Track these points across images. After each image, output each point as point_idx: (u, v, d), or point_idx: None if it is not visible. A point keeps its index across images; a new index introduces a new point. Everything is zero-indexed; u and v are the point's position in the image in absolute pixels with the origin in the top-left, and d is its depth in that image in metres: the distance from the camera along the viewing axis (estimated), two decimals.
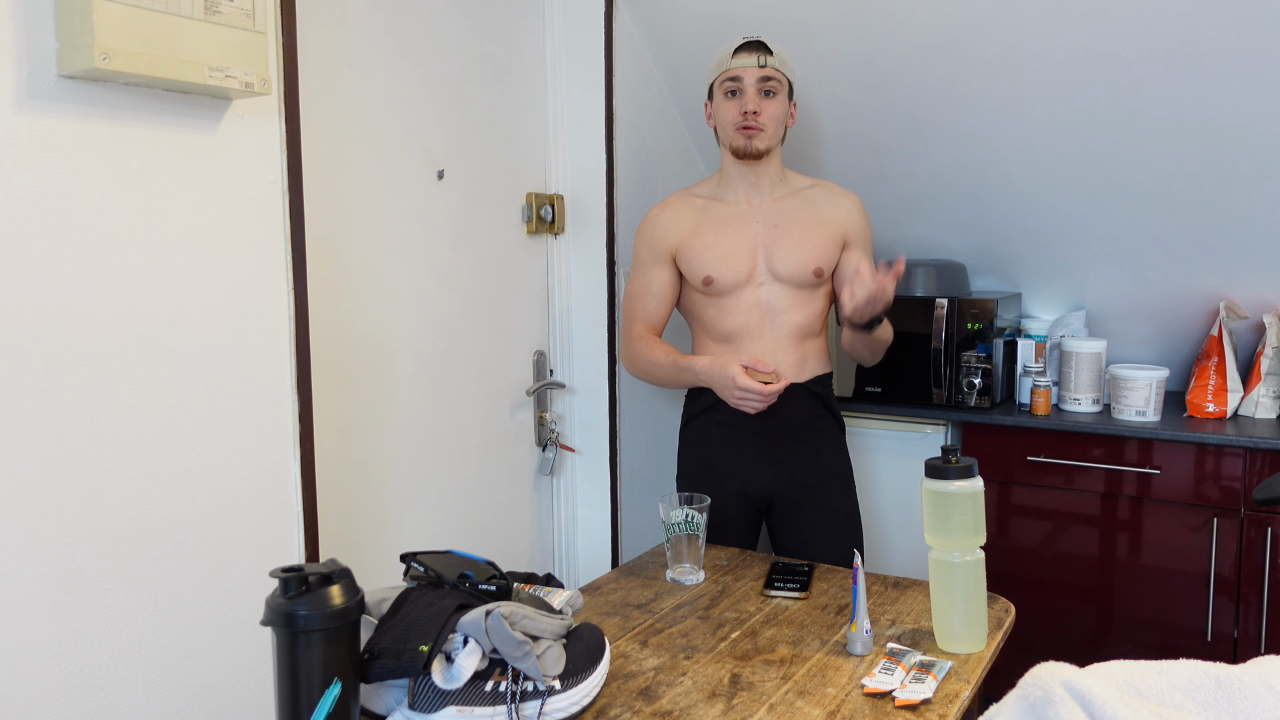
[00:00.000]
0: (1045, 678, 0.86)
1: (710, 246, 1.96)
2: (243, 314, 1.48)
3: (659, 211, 2.04)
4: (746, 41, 1.95)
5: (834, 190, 2.05)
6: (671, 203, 2.05)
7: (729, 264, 1.95)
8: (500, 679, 1.09)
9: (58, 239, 1.25)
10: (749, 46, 1.94)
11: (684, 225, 2.00)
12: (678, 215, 2.02)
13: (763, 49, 1.94)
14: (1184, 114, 2.14)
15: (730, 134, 1.96)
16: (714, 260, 1.95)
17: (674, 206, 2.04)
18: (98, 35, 1.18)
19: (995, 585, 2.46)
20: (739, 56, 1.94)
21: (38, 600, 1.25)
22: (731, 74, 1.94)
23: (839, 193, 2.05)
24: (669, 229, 2.01)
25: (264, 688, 1.53)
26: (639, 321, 2.04)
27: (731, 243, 1.96)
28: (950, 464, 1.35)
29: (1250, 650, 2.21)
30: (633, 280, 2.07)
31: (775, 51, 1.95)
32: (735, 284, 1.95)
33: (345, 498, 1.84)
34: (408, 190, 1.95)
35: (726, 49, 1.97)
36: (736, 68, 1.93)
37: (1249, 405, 2.39)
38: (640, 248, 2.05)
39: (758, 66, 1.92)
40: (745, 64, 1.93)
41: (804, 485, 1.98)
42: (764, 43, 1.94)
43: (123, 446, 1.33)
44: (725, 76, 1.95)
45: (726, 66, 1.95)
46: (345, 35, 1.80)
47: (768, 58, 1.93)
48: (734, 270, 1.95)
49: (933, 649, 1.37)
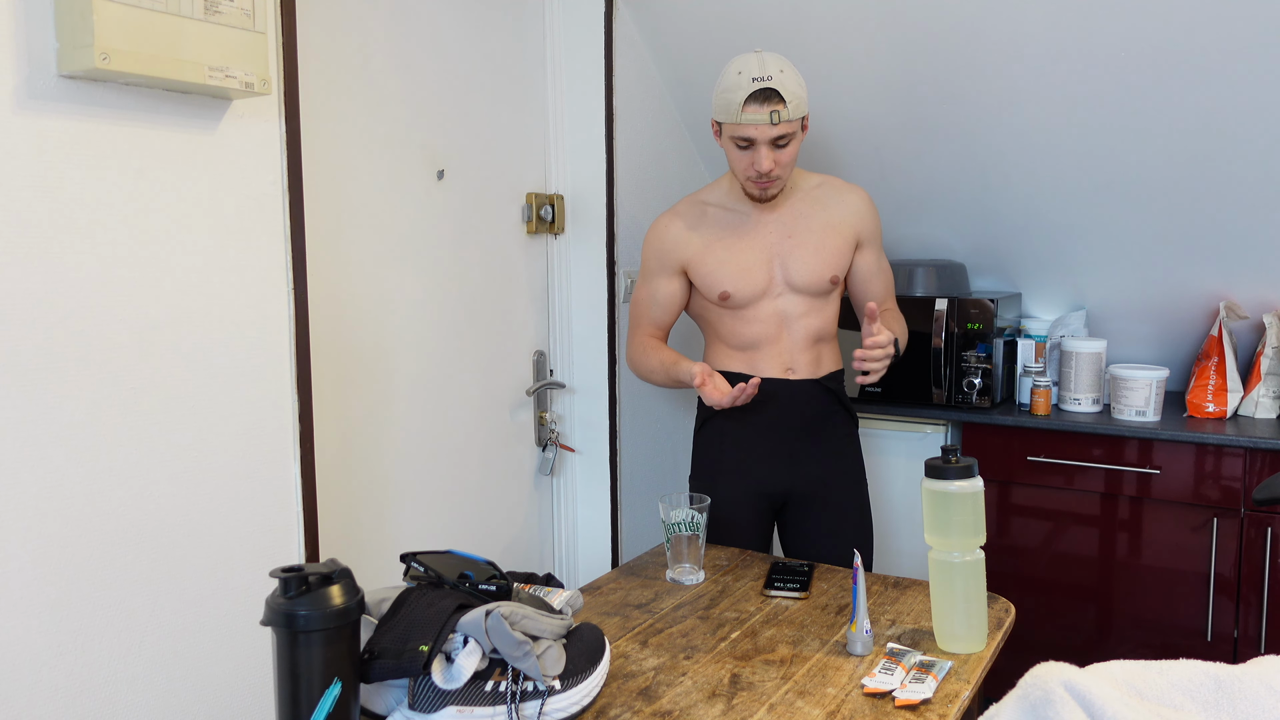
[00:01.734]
0: (1045, 678, 0.86)
1: (725, 262, 1.93)
2: (243, 314, 1.48)
3: (669, 222, 2.00)
4: (757, 91, 1.77)
5: (841, 187, 2.01)
6: (681, 212, 2.00)
7: (745, 278, 1.93)
8: (500, 679, 1.09)
9: (58, 239, 1.25)
10: (760, 97, 1.77)
11: (696, 239, 1.96)
12: (689, 227, 1.97)
13: (774, 99, 1.77)
14: (1184, 114, 2.14)
15: (742, 179, 1.90)
16: (730, 275, 1.93)
17: (684, 216, 1.99)
18: (98, 35, 1.18)
19: (995, 585, 2.46)
20: (749, 110, 1.77)
21: (38, 600, 1.25)
22: (743, 132, 1.80)
23: (846, 189, 2.01)
24: (680, 243, 1.97)
25: (264, 688, 1.53)
26: (644, 328, 2.05)
27: (747, 256, 1.94)
28: (950, 464, 1.35)
29: (1250, 650, 2.21)
30: (640, 287, 2.06)
31: (788, 97, 1.78)
32: (752, 297, 1.94)
33: (345, 498, 1.84)
34: (408, 190, 1.95)
35: (735, 94, 1.79)
36: (748, 125, 1.79)
37: (1249, 405, 2.39)
38: (649, 258, 2.02)
39: (770, 124, 1.78)
40: (756, 121, 1.78)
41: (819, 482, 1.99)
42: (777, 91, 1.77)
43: (123, 446, 1.33)
44: (735, 133, 1.82)
45: (737, 120, 1.79)
46: (345, 35, 1.80)
47: (781, 112, 1.77)
48: (751, 284, 1.93)
49: (933, 649, 1.37)
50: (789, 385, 1.96)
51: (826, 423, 2.00)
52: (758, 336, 1.96)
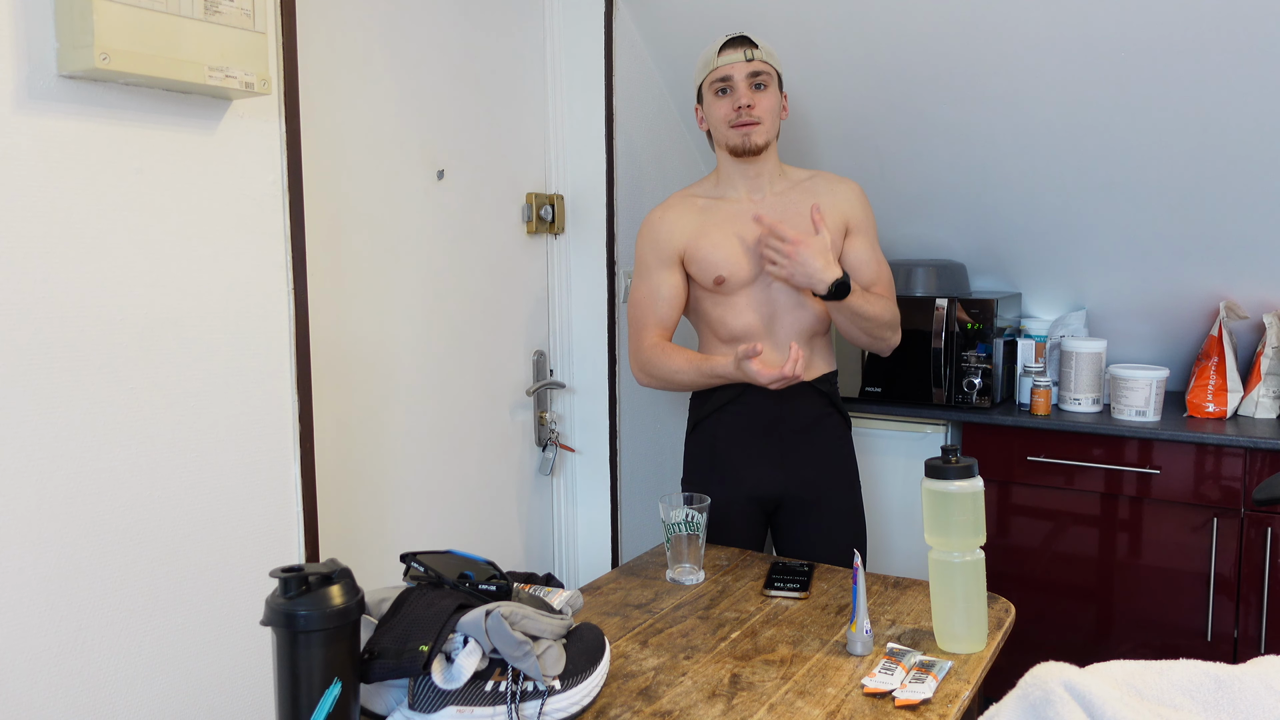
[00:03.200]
0: (1045, 678, 0.86)
1: (719, 245, 1.94)
2: (243, 314, 1.48)
3: (661, 214, 2.01)
4: (731, 38, 1.93)
5: (833, 179, 2.02)
6: (672, 204, 2.02)
7: (739, 262, 1.93)
8: (500, 679, 1.09)
9: (58, 239, 1.25)
10: (734, 43, 1.92)
11: (689, 226, 1.97)
12: (681, 216, 1.99)
13: (748, 43, 1.92)
14: (1184, 114, 2.14)
15: (726, 132, 1.94)
16: (725, 259, 1.93)
17: (675, 208, 2.01)
18: (98, 35, 1.18)
19: (995, 585, 2.46)
20: (725, 53, 1.92)
21: (38, 600, 1.25)
22: (720, 73, 1.92)
23: (837, 181, 2.02)
24: (674, 231, 1.98)
25: (264, 688, 1.53)
26: (650, 329, 1.98)
27: (739, 242, 1.94)
28: (950, 464, 1.35)
29: (1250, 650, 2.21)
30: (638, 287, 2.01)
31: (760, 44, 1.93)
32: (745, 282, 1.94)
33: (345, 498, 1.84)
34: (408, 190, 1.95)
35: (711, 49, 1.95)
36: (724, 65, 1.91)
37: (1249, 405, 2.39)
38: (645, 252, 2.00)
39: (745, 61, 1.90)
40: (733, 60, 1.91)
41: (811, 485, 1.98)
42: (748, 37, 1.93)
43: (122, 446, 1.33)
44: (714, 76, 1.93)
45: (714, 66, 1.93)
46: (345, 35, 1.80)
47: (754, 51, 1.91)
48: (744, 268, 1.93)
49: (933, 649, 1.37)
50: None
51: (819, 425, 1.99)
52: (748, 326, 1.95)
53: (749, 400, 1.96)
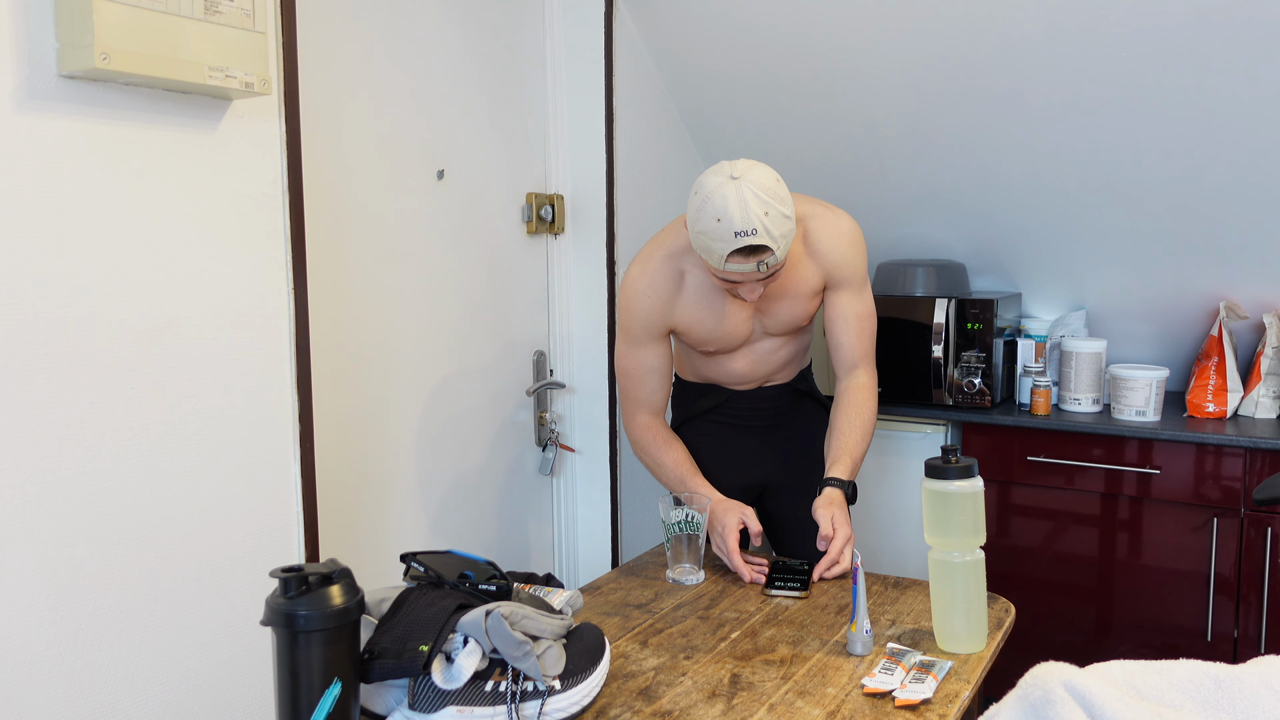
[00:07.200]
0: (1045, 678, 0.87)
1: (703, 322, 1.84)
2: (243, 314, 1.47)
3: (645, 287, 1.81)
4: (739, 248, 1.57)
5: (825, 224, 1.81)
6: (652, 270, 1.81)
7: (729, 336, 1.87)
8: (500, 679, 1.09)
9: (58, 239, 1.25)
10: (745, 251, 1.58)
11: (672, 301, 1.82)
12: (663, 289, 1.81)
13: (761, 250, 1.58)
14: (1184, 114, 2.14)
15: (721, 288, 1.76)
16: (711, 335, 1.86)
17: (661, 282, 1.80)
18: (98, 35, 1.18)
19: (995, 585, 2.45)
20: (734, 262, 1.59)
21: (38, 600, 1.25)
22: (728, 276, 1.64)
23: (824, 228, 1.81)
24: (659, 308, 1.82)
25: (264, 688, 1.53)
26: (643, 409, 1.88)
27: (730, 321, 1.85)
28: (950, 464, 1.35)
29: (1250, 650, 2.21)
30: (626, 354, 1.87)
31: (776, 245, 1.57)
32: (734, 346, 1.91)
33: (345, 498, 1.84)
34: (408, 190, 1.95)
35: (717, 244, 1.57)
36: (733, 273, 1.62)
37: (1249, 405, 2.39)
38: (632, 324, 1.84)
39: (757, 271, 1.61)
40: (743, 270, 1.61)
41: (793, 469, 2.01)
42: (762, 244, 1.56)
43: (123, 446, 1.33)
44: (719, 275, 1.65)
45: (720, 268, 1.61)
46: (345, 35, 1.80)
47: (768, 260, 1.59)
48: (733, 339, 1.89)
49: (933, 649, 1.36)
50: (760, 391, 1.99)
51: (797, 410, 2.03)
52: (734, 372, 1.96)
53: (731, 406, 1.99)
